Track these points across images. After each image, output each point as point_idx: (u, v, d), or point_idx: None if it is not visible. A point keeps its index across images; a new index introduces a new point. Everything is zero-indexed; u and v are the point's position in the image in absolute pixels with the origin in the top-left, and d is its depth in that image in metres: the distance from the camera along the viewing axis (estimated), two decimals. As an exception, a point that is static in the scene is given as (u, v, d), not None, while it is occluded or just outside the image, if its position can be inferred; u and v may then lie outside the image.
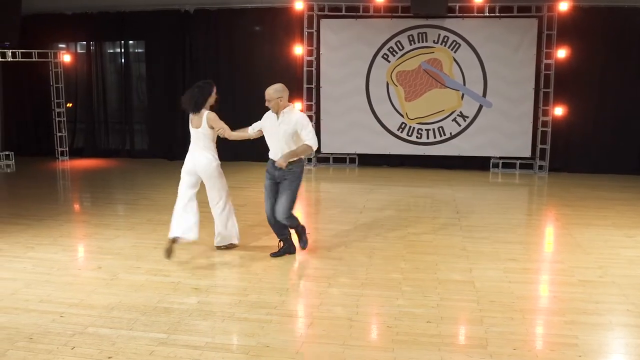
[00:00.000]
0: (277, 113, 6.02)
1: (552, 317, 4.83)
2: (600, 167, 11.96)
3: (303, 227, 6.48)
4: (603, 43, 11.63)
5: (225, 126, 6.16)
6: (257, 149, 7.57)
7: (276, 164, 5.94)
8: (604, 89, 11.77)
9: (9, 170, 12.30)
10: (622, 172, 11.72)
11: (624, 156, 11.88)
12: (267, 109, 6.16)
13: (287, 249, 6.38)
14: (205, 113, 6.17)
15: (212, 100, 6.25)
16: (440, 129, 12.39)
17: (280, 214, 6.11)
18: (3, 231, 7.27)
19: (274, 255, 6.32)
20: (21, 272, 5.73)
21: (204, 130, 6.20)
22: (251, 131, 6.33)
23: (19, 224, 7.61)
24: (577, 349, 4.20)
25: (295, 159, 6.02)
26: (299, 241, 6.46)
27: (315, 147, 6.01)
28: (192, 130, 6.30)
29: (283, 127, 5.97)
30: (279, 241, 6.38)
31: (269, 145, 6.17)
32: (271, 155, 6.15)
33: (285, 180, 6.08)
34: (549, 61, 11.74)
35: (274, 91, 5.99)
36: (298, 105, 12.57)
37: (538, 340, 4.42)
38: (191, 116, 6.28)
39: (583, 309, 4.92)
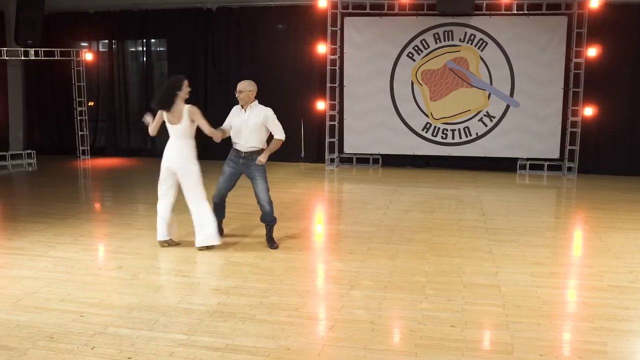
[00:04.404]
0: (244, 106, 6.37)
1: (580, 323, 4.69)
2: (631, 169, 11.74)
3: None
4: (635, 41, 11.41)
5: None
6: (281, 149, 7.53)
7: (257, 162, 6.36)
8: (636, 89, 11.57)
9: (30, 169, 12.45)
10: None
11: (656, 158, 11.65)
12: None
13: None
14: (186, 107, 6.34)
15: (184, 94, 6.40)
16: (466, 129, 12.24)
17: (265, 200, 6.50)
18: (24, 230, 7.30)
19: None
20: (42, 271, 5.74)
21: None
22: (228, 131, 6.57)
23: (40, 223, 7.65)
24: (607, 356, 4.08)
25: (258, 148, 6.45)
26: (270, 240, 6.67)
27: (283, 139, 6.51)
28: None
29: (253, 120, 6.34)
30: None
31: (236, 138, 6.46)
32: (239, 146, 6.46)
33: (252, 170, 6.46)
34: (578, 60, 11.53)
35: (249, 84, 6.38)
36: (321, 104, 12.53)
37: (565, 347, 4.31)
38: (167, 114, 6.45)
39: (613, 315, 4.79)
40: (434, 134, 12.36)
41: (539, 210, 9.06)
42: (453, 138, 12.32)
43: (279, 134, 6.44)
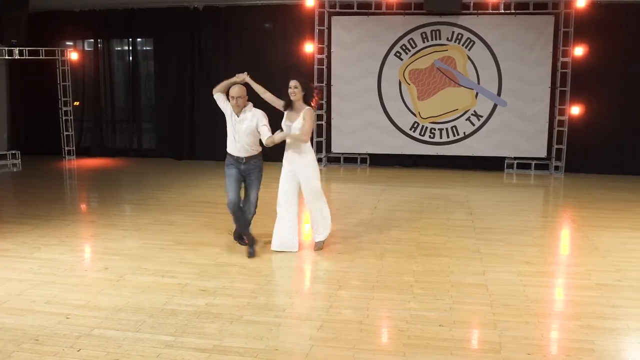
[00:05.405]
0: (239, 112, 6.19)
1: (567, 321, 4.72)
2: (618, 168, 11.79)
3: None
4: (621, 40, 11.48)
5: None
6: (268, 149, 7.57)
7: (266, 142, 6.06)
8: (622, 88, 11.61)
9: (15, 170, 12.32)
10: (642, 174, 11.56)
11: (643, 157, 11.72)
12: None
13: (251, 241, 6.37)
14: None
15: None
16: (454, 128, 12.25)
17: (252, 208, 6.41)
18: (9, 231, 7.23)
19: (250, 255, 6.25)
20: (27, 273, 5.68)
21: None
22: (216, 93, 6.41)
23: (25, 224, 7.57)
24: (594, 354, 4.10)
25: (257, 153, 6.33)
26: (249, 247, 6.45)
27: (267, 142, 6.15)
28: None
29: (246, 124, 6.16)
30: (244, 240, 6.47)
31: (230, 143, 6.32)
32: (235, 152, 6.30)
33: (251, 174, 6.33)
34: (565, 59, 11.58)
35: (243, 89, 6.22)
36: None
37: (553, 345, 4.32)
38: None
39: (600, 313, 4.81)
40: (422, 134, 12.37)
41: (527, 210, 9.09)
42: (441, 137, 12.33)
43: (264, 137, 6.15)
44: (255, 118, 6.16)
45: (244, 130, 6.17)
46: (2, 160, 12.61)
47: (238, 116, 6.20)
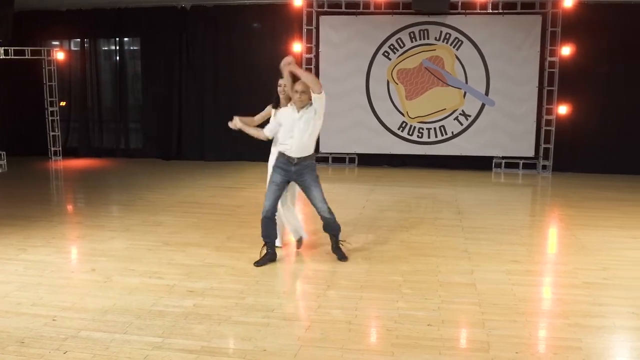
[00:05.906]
0: (300, 107, 5.86)
1: (555, 319, 4.73)
2: (606, 167, 11.85)
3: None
4: (609, 40, 11.53)
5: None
6: (258, 149, 7.61)
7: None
8: (610, 87, 11.66)
9: (0, 171, 12.19)
10: (629, 172, 11.63)
11: (630, 156, 11.78)
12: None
13: (270, 257, 6.04)
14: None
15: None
16: (442, 128, 12.28)
17: (324, 210, 6.08)
18: (-5, 232, 7.18)
19: (258, 264, 5.95)
20: (13, 275, 5.63)
21: None
22: (267, 133, 6.17)
23: (10, 225, 7.50)
24: (581, 352, 4.10)
25: (311, 153, 5.98)
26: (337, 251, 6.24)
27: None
28: None
29: (305, 116, 5.84)
30: (263, 246, 6.06)
31: (286, 141, 5.89)
32: (291, 152, 5.88)
33: (304, 175, 5.95)
34: (553, 59, 11.63)
35: (306, 85, 5.85)
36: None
37: (541, 344, 4.33)
38: None
39: (587, 312, 4.82)
40: (410, 133, 12.38)
41: (515, 209, 9.12)
42: (429, 137, 12.35)
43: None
44: (310, 109, 5.85)
45: (302, 125, 5.81)
46: (-13, 161, 12.52)
47: (298, 112, 5.84)
